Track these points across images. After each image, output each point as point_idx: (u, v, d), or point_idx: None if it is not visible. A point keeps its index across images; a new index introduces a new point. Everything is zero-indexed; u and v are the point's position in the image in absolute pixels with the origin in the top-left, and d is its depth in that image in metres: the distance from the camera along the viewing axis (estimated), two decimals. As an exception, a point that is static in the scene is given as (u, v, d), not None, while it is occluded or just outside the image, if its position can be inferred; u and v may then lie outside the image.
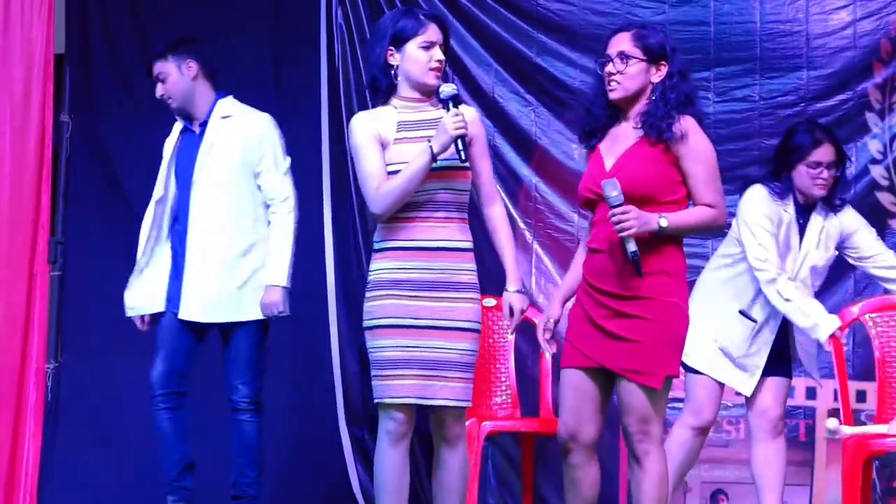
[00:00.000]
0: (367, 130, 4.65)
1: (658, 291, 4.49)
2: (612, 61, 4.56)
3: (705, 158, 4.53)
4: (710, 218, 4.53)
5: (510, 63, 6.79)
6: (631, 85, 4.55)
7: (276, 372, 6.72)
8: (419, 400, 4.58)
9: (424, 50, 4.65)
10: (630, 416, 4.54)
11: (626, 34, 4.60)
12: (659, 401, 4.53)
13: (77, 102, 7.06)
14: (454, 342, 4.61)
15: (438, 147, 4.55)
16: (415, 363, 4.58)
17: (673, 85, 4.54)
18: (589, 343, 4.55)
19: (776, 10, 6.53)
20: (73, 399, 6.95)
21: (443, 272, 4.63)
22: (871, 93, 6.45)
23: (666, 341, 4.51)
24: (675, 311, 4.52)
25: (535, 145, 6.74)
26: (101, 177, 7.02)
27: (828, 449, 6.30)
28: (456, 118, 4.55)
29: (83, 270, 6.99)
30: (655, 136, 4.50)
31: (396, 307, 4.60)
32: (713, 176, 4.54)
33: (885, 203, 6.42)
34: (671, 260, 4.53)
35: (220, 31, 6.94)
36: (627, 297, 4.50)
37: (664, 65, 4.56)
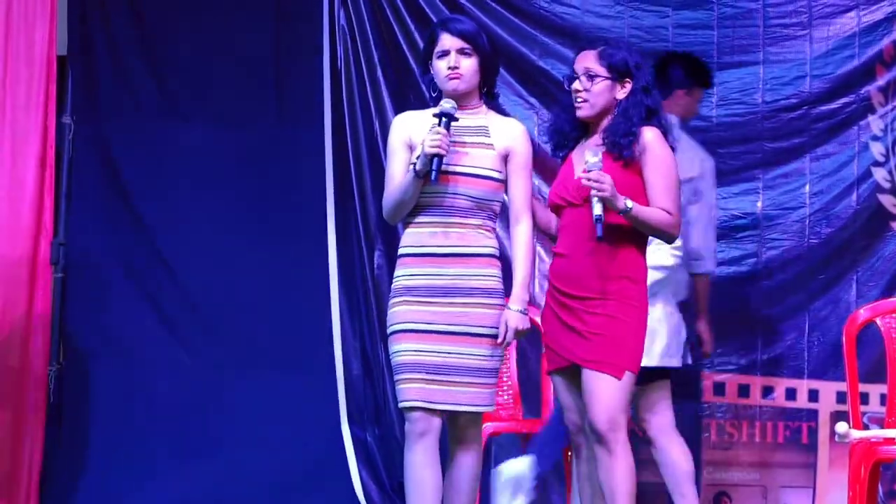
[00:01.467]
0: (399, 133, 4.71)
1: (620, 294, 4.66)
2: (577, 78, 4.72)
3: (664, 168, 4.67)
4: (665, 222, 4.66)
5: (512, 65, 6.78)
6: (597, 101, 4.71)
7: (280, 374, 6.75)
8: (425, 404, 4.59)
9: (440, 59, 4.68)
10: (597, 405, 4.64)
11: (592, 52, 4.74)
12: (622, 392, 4.65)
13: (79, 104, 7.05)
14: (468, 347, 4.62)
15: (419, 165, 4.56)
16: (422, 367, 4.60)
17: (636, 101, 4.69)
18: (560, 343, 4.75)
19: (779, 13, 6.54)
20: (74, 401, 6.93)
21: (456, 278, 4.63)
22: (874, 96, 6.47)
23: (626, 337, 4.66)
24: (636, 312, 4.69)
25: (537, 147, 6.71)
26: (103, 178, 7.00)
27: (830, 451, 6.32)
28: (433, 137, 4.54)
29: (85, 272, 6.98)
30: (616, 152, 4.65)
31: (409, 312, 4.63)
32: (670, 186, 4.67)
33: (888, 205, 6.43)
34: (634, 267, 4.71)
35: (222, 33, 6.95)
36: (591, 298, 4.67)
37: (629, 82, 4.70)
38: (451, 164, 4.63)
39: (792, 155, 6.50)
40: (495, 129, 4.71)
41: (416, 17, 6.78)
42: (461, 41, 4.67)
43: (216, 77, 6.98)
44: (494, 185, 4.68)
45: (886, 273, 6.38)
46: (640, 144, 4.64)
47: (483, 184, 4.65)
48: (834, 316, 6.33)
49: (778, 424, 6.42)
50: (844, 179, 6.48)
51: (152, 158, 6.88)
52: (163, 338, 6.92)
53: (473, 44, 4.68)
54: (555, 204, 4.79)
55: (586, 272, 4.66)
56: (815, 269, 6.44)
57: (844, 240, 6.44)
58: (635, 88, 4.69)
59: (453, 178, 4.62)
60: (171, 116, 6.95)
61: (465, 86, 4.67)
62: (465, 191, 4.64)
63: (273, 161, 6.91)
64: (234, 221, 6.90)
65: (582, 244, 4.67)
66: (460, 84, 4.66)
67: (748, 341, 6.45)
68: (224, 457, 6.75)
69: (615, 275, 4.66)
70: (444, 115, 4.59)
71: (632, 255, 4.70)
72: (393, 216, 4.70)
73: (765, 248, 6.45)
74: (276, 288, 6.86)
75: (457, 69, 4.66)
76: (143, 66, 7.04)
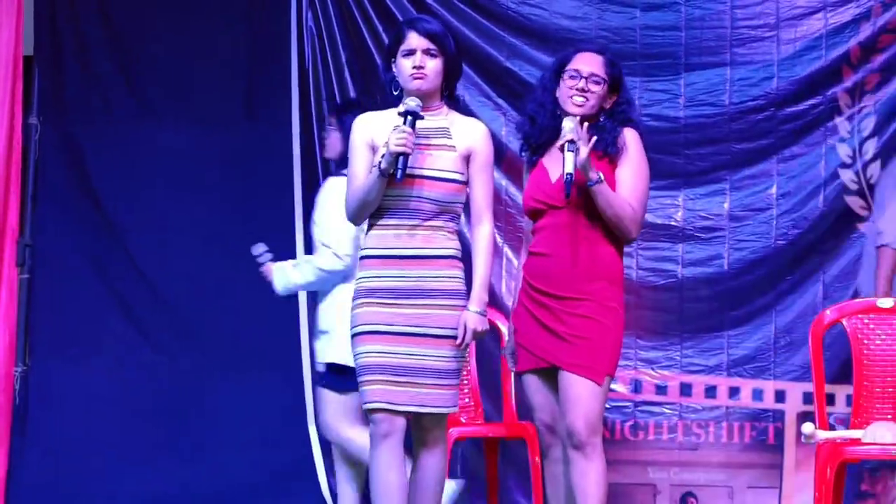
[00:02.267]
0: (362, 134, 4.68)
1: (599, 295, 4.71)
2: (584, 79, 4.76)
3: (636, 166, 4.76)
4: (628, 213, 4.72)
5: (480, 66, 6.78)
6: (595, 104, 4.78)
7: (250, 376, 6.73)
8: (388, 405, 4.58)
9: (405, 58, 4.66)
10: (575, 409, 4.67)
11: (599, 57, 4.82)
12: (600, 396, 4.70)
13: (46, 104, 7.03)
14: (431, 349, 4.60)
15: (384, 163, 4.54)
16: (386, 369, 4.58)
17: (621, 111, 4.80)
18: (537, 343, 4.77)
19: (747, 15, 6.55)
20: (41, 403, 6.91)
21: (418, 280, 4.62)
22: (841, 97, 6.48)
23: (606, 341, 4.71)
24: (614, 314, 4.74)
25: (505, 149, 6.74)
26: (70, 179, 6.99)
27: (797, 452, 6.33)
28: (400, 135, 4.53)
29: (52, 273, 6.96)
30: (602, 149, 4.71)
31: (371, 314, 4.61)
32: (638, 185, 4.75)
33: (854, 207, 6.44)
34: (612, 267, 4.76)
35: (192, 33, 6.94)
36: (570, 298, 4.71)
37: (617, 94, 4.82)
38: (414, 167, 4.61)
39: (759, 156, 6.51)
40: (457, 130, 4.69)
41: (384, 18, 6.77)
42: (428, 41, 4.65)
43: (186, 77, 6.97)
44: (457, 187, 4.66)
45: (853, 274, 6.40)
46: (620, 144, 4.73)
47: (446, 186, 4.63)
48: (801, 317, 6.34)
49: (745, 425, 6.43)
50: (811, 181, 6.49)
51: (121, 159, 6.87)
52: (131, 339, 6.91)
53: (440, 45, 4.66)
54: (532, 208, 4.83)
55: (565, 272, 4.70)
56: (782, 271, 6.45)
57: (811, 241, 6.45)
58: (620, 100, 4.81)
59: (417, 181, 4.60)
60: (141, 117, 6.93)
61: (428, 86, 4.64)
62: (429, 194, 4.62)
63: (244, 161, 6.91)
64: (204, 221, 6.90)
65: (562, 244, 4.72)
66: (424, 84, 4.64)
67: (715, 342, 6.46)
68: (193, 459, 6.74)
69: (594, 275, 4.70)
70: (409, 113, 4.57)
71: (610, 256, 4.75)
72: (356, 216, 4.69)
73: (732, 250, 6.45)
74: (245, 289, 6.82)
75: (422, 69, 4.63)
76: (112, 67, 7.03)
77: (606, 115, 4.78)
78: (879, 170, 6.43)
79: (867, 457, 5.59)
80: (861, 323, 5.66)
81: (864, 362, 5.58)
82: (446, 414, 4.68)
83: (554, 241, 4.74)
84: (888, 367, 5.57)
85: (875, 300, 5.72)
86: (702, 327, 6.36)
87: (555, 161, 4.77)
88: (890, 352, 5.59)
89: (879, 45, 6.43)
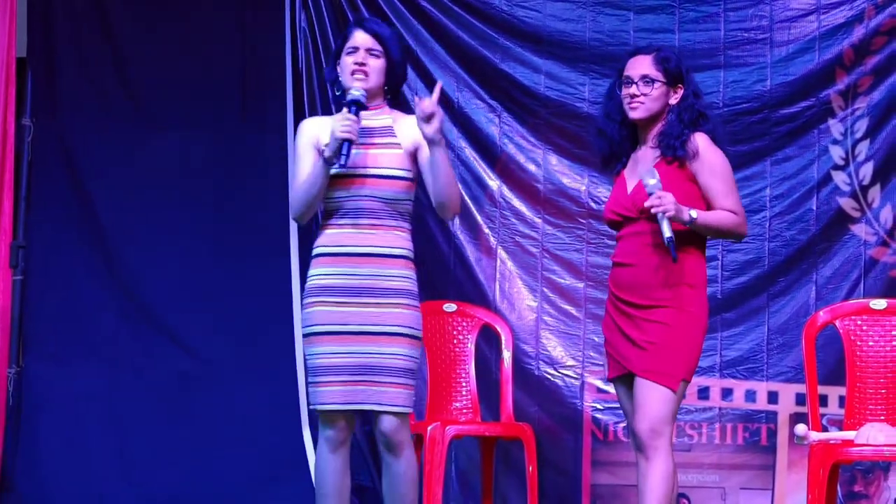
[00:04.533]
0: (308, 136, 4.69)
1: (677, 301, 4.73)
2: (635, 84, 4.78)
3: (721, 171, 4.78)
4: (732, 222, 4.77)
5: (474, 69, 6.79)
6: (653, 106, 4.79)
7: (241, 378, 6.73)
8: (347, 406, 4.58)
9: (349, 56, 4.67)
10: (640, 412, 4.70)
11: (648, 57, 4.82)
12: (672, 402, 4.71)
13: (40, 106, 7.02)
14: (386, 346, 4.60)
15: (328, 151, 4.55)
16: (344, 369, 4.58)
17: (688, 105, 4.79)
18: (619, 351, 4.81)
19: (740, 17, 6.56)
20: (34, 404, 6.90)
21: (370, 278, 4.62)
22: (834, 99, 6.49)
23: (682, 346, 4.72)
24: (693, 320, 4.75)
25: (499, 151, 6.75)
26: (63, 181, 6.98)
27: (790, 453, 6.34)
28: (344, 121, 4.54)
29: (45, 275, 6.95)
30: (671, 154, 4.73)
31: (326, 314, 4.62)
32: (730, 187, 4.79)
33: (847, 209, 6.45)
34: (694, 272, 4.77)
35: (187, 36, 6.94)
36: (650, 306, 4.73)
37: (681, 87, 4.81)
38: (360, 167, 4.62)
39: (752, 158, 6.51)
40: (400, 127, 4.70)
41: (374, 14, 6.75)
42: (372, 40, 4.66)
43: (180, 79, 6.96)
44: (405, 185, 4.67)
45: (846, 276, 6.40)
46: (692, 150, 4.72)
47: (392, 183, 4.64)
48: (794, 318, 6.35)
49: (737, 426, 6.44)
50: (804, 183, 6.50)
51: (115, 161, 6.86)
52: (124, 341, 6.90)
53: (384, 46, 4.68)
54: (610, 220, 4.88)
55: (648, 281, 4.73)
56: (775, 272, 6.46)
57: (804, 243, 6.45)
58: (686, 94, 4.80)
59: (362, 180, 4.62)
60: (134, 119, 6.93)
61: (369, 85, 4.64)
62: (376, 192, 4.62)
63: (238, 164, 6.90)
64: (197, 224, 6.89)
65: (643, 253, 4.75)
66: (364, 83, 4.64)
67: (708, 343, 6.38)
68: (186, 460, 6.73)
69: (675, 282, 4.72)
70: (353, 101, 4.58)
71: (693, 260, 4.77)
72: (302, 212, 4.67)
73: (725, 251, 6.46)
74: (239, 291, 6.84)
75: (363, 66, 4.64)
76: (105, 69, 7.02)
77: (674, 112, 4.77)
78: (872, 172, 6.45)
79: (860, 458, 5.60)
80: (854, 324, 5.67)
81: (857, 363, 5.60)
82: (406, 416, 4.65)
83: (634, 250, 4.77)
84: (881, 368, 5.59)
85: (868, 301, 5.73)
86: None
87: (633, 171, 4.82)
88: (883, 353, 5.61)
89: (872, 47, 6.44)
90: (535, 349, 6.55)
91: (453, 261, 6.70)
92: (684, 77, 4.82)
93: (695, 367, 4.80)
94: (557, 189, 6.66)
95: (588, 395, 6.51)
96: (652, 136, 4.81)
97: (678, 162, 4.74)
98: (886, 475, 6.31)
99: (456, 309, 6.36)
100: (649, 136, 4.83)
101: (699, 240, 4.80)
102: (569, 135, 6.58)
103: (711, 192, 4.76)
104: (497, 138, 6.75)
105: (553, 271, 6.60)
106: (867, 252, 6.39)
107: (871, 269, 6.37)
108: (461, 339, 6.33)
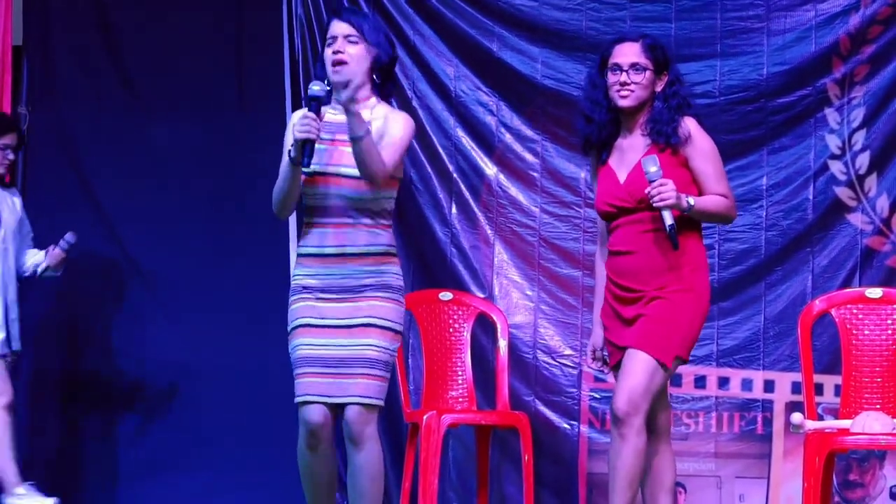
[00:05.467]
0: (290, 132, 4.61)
1: (677, 283, 4.73)
2: (624, 71, 4.77)
3: (712, 156, 4.80)
4: (725, 206, 4.79)
5: (471, 58, 6.78)
6: (643, 94, 4.80)
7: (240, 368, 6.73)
8: (324, 398, 4.54)
9: (329, 48, 4.59)
10: (621, 382, 4.68)
11: (636, 45, 4.83)
12: (658, 375, 4.67)
13: (36, 94, 7.02)
14: (360, 338, 4.55)
15: (293, 152, 4.47)
16: (320, 361, 4.55)
17: (674, 92, 4.81)
18: (618, 335, 4.80)
19: (736, 6, 6.54)
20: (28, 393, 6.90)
21: (346, 277, 4.58)
22: (830, 88, 6.48)
23: (681, 321, 4.72)
24: (691, 297, 4.74)
25: (496, 140, 6.75)
26: (60, 169, 6.99)
27: (786, 442, 6.34)
28: (303, 121, 4.43)
29: (41, 263, 6.95)
30: (664, 141, 4.74)
31: (305, 308, 4.60)
32: (721, 172, 4.81)
33: (844, 198, 6.45)
34: (694, 255, 4.78)
35: (184, 23, 6.94)
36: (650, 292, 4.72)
37: (666, 74, 4.83)
38: (328, 165, 4.56)
39: (749, 147, 6.51)
40: (377, 126, 4.57)
41: (372, 4, 6.78)
42: (348, 27, 4.55)
43: (177, 67, 6.96)
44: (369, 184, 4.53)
45: (842, 265, 6.40)
46: (684, 134, 4.74)
47: (358, 184, 4.53)
48: (790, 307, 6.35)
49: (734, 415, 6.44)
50: (801, 172, 6.49)
51: (112, 149, 6.87)
52: (124, 329, 6.91)
53: (360, 31, 4.55)
54: (604, 212, 4.85)
55: (648, 266, 4.73)
56: (771, 261, 6.45)
57: (801, 232, 6.45)
58: (671, 79, 4.82)
59: (328, 178, 4.56)
60: (131, 107, 6.94)
61: (350, 74, 4.49)
62: (342, 191, 4.55)
63: (236, 152, 6.90)
64: (196, 211, 6.90)
65: (641, 240, 4.75)
66: (344, 71, 4.51)
67: (704, 332, 6.36)
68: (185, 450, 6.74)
69: (675, 264, 4.72)
70: (312, 98, 4.46)
71: (692, 242, 4.78)
72: (278, 209, 4.62)
73: (722, 240, 6.45)
74: (237, 278, 6.85)
75: (340, 54, 4.53)
76: (102, 56, 7.03)
77: (660, 99, 4.78)
78: (868, 161, 6.45)
79: (855, 446, 5.61)
80: (850, 313, 5.68)
81: (853, 352, 5.61)
82: (375, 408, 4.57)
83: (633, 238, 4.76)
84: (876, 357, 5.60)
85: (864, 290, 5.74)
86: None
87: (621, 161, 4.82)
88: (878, 342, 5.62)
89: (869, 35, 6.43)
90: (532, 338, 6.55)
91: (451, 250, 6.70)
92: (669, 63, 4.84)
93: (691, 346, 4.76)
94: (554, 178, 6.66)
95: (585, 385, 6.51)
96: (639, 123, 4.81)
97: (671, 149, 4.75)
98: (882, 464, 6.32)
99: (452, 298, 6.37)
100: (635, 124, 4.82)
101: (697, 224, 4.81)
102: (566, 124, 6.56)
103: (703, 176, 4.77)
104: (494, 127, 6.74)
105: (550, 260, 6.61)
106: (863, 241, 6.39)
107: (868, 259, 6.37)
108: (457, 327, 6.34)
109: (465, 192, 6.72)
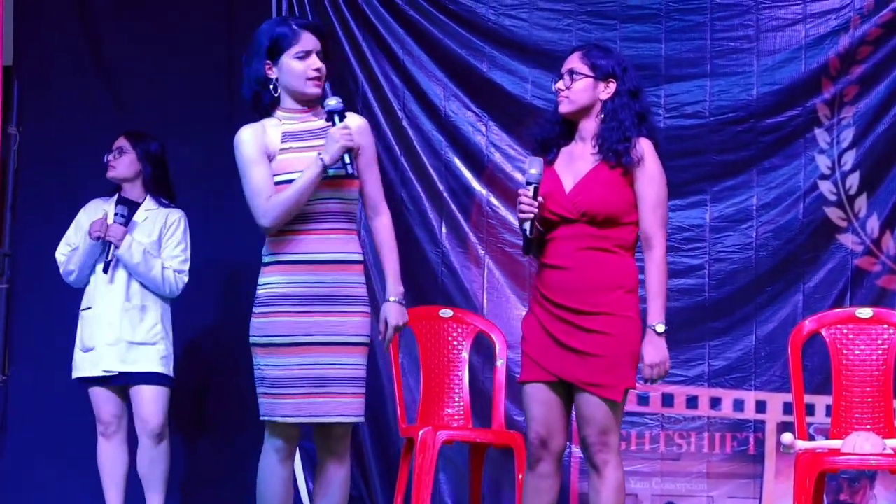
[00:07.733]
0: (255, 144, 4.62)
1: (616, 307, 4.65)
2: (561, 78, 4.74)
3: (657, 183, 4.70)
4: (661, 266, 4.69)
5: (461, 78, 6.80)
6: (578, 99, 4.71)
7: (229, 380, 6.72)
8: (310, 419, 4.56)
9: (300, 60, 4.62)
10: (590, 427, 4.66)
11: (577, 53, 4.79)
12: (617, 412, 4.68)
13: (26, 114, 7.01)
14: (344, 357, 4.58)
15: (329, 159, 4.53)
16: (304, 381, 4.55)
17: (624, 104, 4.70)
18: (548, 357, 4.69)
19: (726, 27, 6.57)
20: (20, 412, 6.89)
21: (333, 286, 4.60)
22: (820, 109, 6.51)
23: (624, 355, 4.66)
24: (632, 325, 4.68)
25: (486, 160, 6.76)
26: (49, 189, 6.98)
27: (777, 462, 6.35)
28: (344, 131, 4.55)
29: (31, 283, 6.94)
30: (614, 160, 4.65)
31: (286, 324, 4.57)
32: (661, 201, 4.70)
33: (834, 218, 6.47)
34: (627, 276, 4.69)
35: (175, 43, 6.94)
36: (586, 313, 4.64)
37: (612, 82, 4.72)
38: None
39: (739, 167, 6.53)
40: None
41: (362, 23, 6.81)
42: (321, 44, 4.66)
43: (167, 85, 6.96)
44: (350, 183, 4.64)
45: (833, 285, 6.42)
46: (637, 156, 4.64)
47: (349, 184, 4.63)
48: (781, 327, 6.36)
49: (726, 435, 6.45)
50: (791, 192, 6.52)
51: (102, 169, 6.83)
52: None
53: (326, 48, 4.69)
54: (544, 218, 4.72)
55: (581, 284, 4.64)
56: (762, 281, 6.47)
57: (791, 252, 6.47)
58: (621, 90, 4.70)
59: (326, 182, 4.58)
60: (122, 127, 6.90)
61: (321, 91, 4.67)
62: (337, 193, 4.61)
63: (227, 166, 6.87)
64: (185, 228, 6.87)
65: (577, 257, 4.66)
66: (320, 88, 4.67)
67: (696, 353, 6.48)
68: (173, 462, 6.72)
69: (609, 285, 4.64)
70: (336, 112, 4.60)
71: (624, 263, 4.69)
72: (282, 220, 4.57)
73: (712, 261, 6.48)
74: (224, 294, 6.84)
75: (319, 71, 4.63)
76: (92, 75, 7.02)
77: (610, 113, 4.68)
78: (858, 181, 6.47)
79: (846, 467, 5.60)
80: (840, 333, 5.68)
81: (843, 372, 5.61)
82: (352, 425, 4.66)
83: (568, 253, 4.67)
84: (867, 377, 5.60)
85: (854, 310, 5.75)
86: (683, 338, 6.34)
87: (568, 167, 4.74)
88: (869, 362, 5.62)
89: (858, 56, 6.46)
90: (523, 358, 6.55)
91: (441, 270, 6.70)
92: (618, 74, 4.72)
93: (635, 375, 4.71)
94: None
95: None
96: (589, 134, 4.73)
97: (622, 168, 4.66)
98: (872, 484, 6.32)
99: (452, 315, 6.33)
100: (585, 134, 4.74)
101: (630, 243, 4.72)
102: (556, 144, 6.57)
103: (643, 200, 4.67)
104: (484, 147, 6.75)
105: (541, 280, 6.60)
106: (853, 261, 6.41)
107: (858, 279, 6.39)
108: (456, 345, 6.32)
109: (455, 212, 6.73)
